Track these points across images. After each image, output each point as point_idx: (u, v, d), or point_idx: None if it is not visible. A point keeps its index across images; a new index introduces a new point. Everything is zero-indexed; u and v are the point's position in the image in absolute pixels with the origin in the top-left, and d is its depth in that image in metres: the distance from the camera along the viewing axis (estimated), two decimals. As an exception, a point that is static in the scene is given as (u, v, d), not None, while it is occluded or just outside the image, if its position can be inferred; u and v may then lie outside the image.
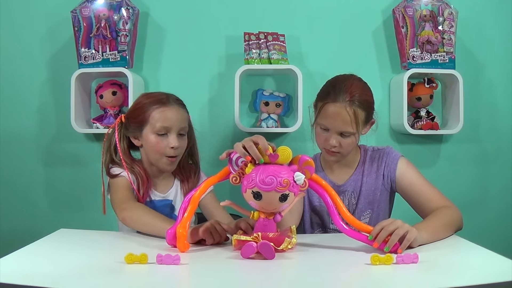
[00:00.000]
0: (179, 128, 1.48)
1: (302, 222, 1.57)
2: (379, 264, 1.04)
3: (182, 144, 1.49)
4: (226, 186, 1.40)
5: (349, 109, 1.39)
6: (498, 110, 2.24)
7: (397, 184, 1.50)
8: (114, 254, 1.14)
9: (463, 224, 1.38)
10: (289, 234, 1.17)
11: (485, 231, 2.12)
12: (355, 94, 1.41)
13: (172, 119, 1.47)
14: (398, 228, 1.13)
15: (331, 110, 1.41)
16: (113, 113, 2.09)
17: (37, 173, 2.20)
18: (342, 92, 1.41)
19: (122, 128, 1.53)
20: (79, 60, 2.07)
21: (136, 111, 1.50)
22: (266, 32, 2.07)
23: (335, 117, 1.41)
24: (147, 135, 1.47)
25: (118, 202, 1.41)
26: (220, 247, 1.23)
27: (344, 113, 1.39)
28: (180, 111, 1.50)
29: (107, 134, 1.54)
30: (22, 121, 2.20)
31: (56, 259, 1.12)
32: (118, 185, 1.46)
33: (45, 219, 2.18)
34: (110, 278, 0.98)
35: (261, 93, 2.13)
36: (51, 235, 1.36)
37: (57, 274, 0.99)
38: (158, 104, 1.47)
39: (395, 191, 1.55)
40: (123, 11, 2.07)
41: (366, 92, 1.46)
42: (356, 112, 1.40)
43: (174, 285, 0.99)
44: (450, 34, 2.10)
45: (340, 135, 1.43)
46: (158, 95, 1.52)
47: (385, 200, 1.55)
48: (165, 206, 1.53)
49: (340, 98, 1.40)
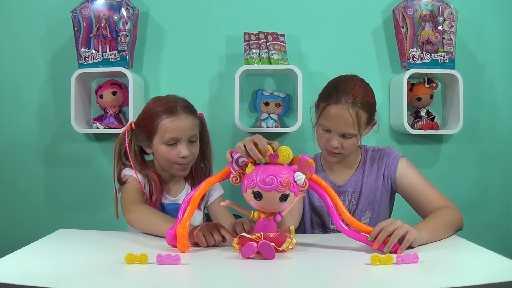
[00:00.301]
0: (188, 136, 1.46)
1: (303, 222, 1.56)
2: (379, 264, 1.04)
3: (193, 151, 1.48)
4: (226, 186, 1.41)
5: (352, 111, 1.39)
6: (498, 110, 2.24)
7: (398, 184, 1.50)
8: (114, 254, 1.14)
9: (463, 224, 1.38)
10: (287, 235, 1.17)
11: (485, 232, 2.12)
12: (358, 96, 1.40)
13: (181, 129, 1.45)
14: (398, 228, 1.13)
15: (333, 112, 1.40)
16: (113, 113, 2.09)
17: (37, 173, 2.20)
18: (345, 94, 1.40)
19: (132, 135, 1.51)
20: (79, 60, 2.07)
21: (145, 120, 1.47)
22: (266, 32, 2.07)
23: (337, 118, 1.40)
24: (157, 145, 1.46)
25: (125, 204, 1.42)
26: (220, 247, 1.22)
27: (346, 115, 1.39)
28: (189, 118, 1.47)
29: (117, 140, 1.53)
30: (22, 121, 2.19)
31: (56, 259, 1.12)
32: (127, 187, 1.47)
33: (45, 219, 2.18)
34: (110, 278, 0.98)
35: (261, 93, 2.13)
36: (51, 235, 1.36)
37: (57, 274, 0.99)
38: (167, 114, 1.44)
39: (395, 192, 1.54)
40: (123, 11, 2.06)
41: (369, 94, 1.46)
42: (358, 113, 1.39)
43: (174, 285, 0.99)
44: (450, 34, 2.10)
45: (342, 136, 1.42)
46: (167, 102, 1.48)
47: (386, 201, 1.55)
48: (175, 210, 1.51)
49: (342, 100, 1.40)
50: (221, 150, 2.16)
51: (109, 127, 2.07)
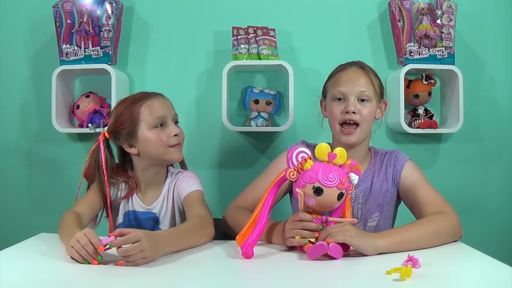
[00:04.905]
0: (172, 115, 1.43)
1: None
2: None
3: (181, 131, 1.44)
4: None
5: (363, 73, 1.42)
6: (500, 107, 2.17)
7: (401, 186, 1.44)
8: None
9: (461, 232, 1.31)
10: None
11: (486, 233, 2.08)
12: (365, 66, 1.46)
13: (163, 107, 1.42)
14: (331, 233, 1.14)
15: (345, 75, 1.43)
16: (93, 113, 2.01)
17: (18, 174, 2.15)
18: (353, 64, 1.46)
19: (105, 146, 1.43)
20: (61, 57, 2.02)
21: (121, 117, 1.40)
22: (256, 27, 2.00)
23: (350, 79, 1.41)
24: (143, 135, 1.39)
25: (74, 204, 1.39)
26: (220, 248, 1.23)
27: (358, 74, 1.42)
28: (166, 100, 1.45)
29: (90, 154, 1.44)
30: (3, 120, 2.15)
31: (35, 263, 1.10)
32: (86, 196, 1.42)
33: (26, 223, 2.11)
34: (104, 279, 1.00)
35: (251, 90, 2.06)
36: (29, 239, 1.33)
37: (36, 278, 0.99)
38: (142, 100, 1.40)
39: (400, 199, 1.48)
40: (106, 6, 2.00)
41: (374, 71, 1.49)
42: (370, 76, 1.42)
43: (174, 285, 0.99)
44: (449, 28, 2.03)
45: (358, 101, 1.40)
46: (135, 95, 1.45)
47: (392, 205, 1.48)
48: (148, 219, 1.46)
49: (352, 67, 1.44)
50: (209, 150, 2.13)
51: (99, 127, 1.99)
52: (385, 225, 1.46)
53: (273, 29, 2.02)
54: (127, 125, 1.39)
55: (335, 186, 1.14)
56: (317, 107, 1.54)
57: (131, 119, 1.39)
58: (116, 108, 1.43)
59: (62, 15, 2.00)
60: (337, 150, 1.19)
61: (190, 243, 1.22)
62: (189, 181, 1.45)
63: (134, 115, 1.38)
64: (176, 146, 1.42)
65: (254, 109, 2.05)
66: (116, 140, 1.43)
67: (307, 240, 1.16)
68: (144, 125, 1.38)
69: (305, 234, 1.16)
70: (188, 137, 2.08)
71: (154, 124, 1.38)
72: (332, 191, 1.14)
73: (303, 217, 1.17)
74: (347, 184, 1.17)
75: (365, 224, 1.45)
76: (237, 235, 1.19)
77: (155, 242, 1.09)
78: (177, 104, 2.11)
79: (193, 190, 1.43)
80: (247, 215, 1.25)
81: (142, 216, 1.45)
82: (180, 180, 1.47)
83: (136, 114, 1.38)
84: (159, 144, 1.39)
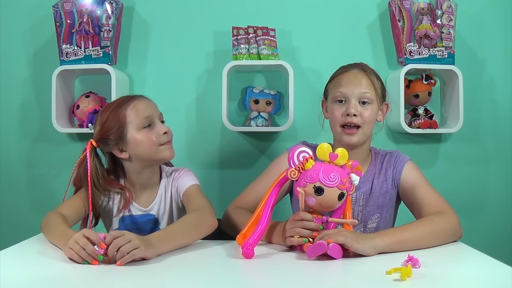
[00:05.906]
0: (158, 114, 1.44)
1: None
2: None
3: (169, 130, 1.44)
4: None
5: (364, 75, 1.42)
6: (500, 107, 2.17)
7: (401, 186, 1.44)
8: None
9: (461, 232, 1.31)
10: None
11: (485, 233, 2.08)
12: (367, 68, 1.46)
13: (149, 107, 1.42)
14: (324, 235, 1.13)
15: (346, 77, 1.42)
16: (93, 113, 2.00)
17: (19, 174, 2.15)
18: (354, 65, 1.46)
19: (93, 156, 1.41)
20: (61, 57, 2.02)
21: (107, 123, 1.39)
22: (256, 27, 2.00)
23: (351, 81, 1.41)
24: (133, 137, 1.38)
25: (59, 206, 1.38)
26: (221, 248, 1.22)
27: (360, 76, 1.41)
28: (149, 100, 1.45)
29: (77, 165, 1.42)
30: (3, 120, 2.14)
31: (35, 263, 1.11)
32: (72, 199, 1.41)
33: (27, 223, 2.07)
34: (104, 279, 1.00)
35: (251, 90, 2.06)
36: (30, 239, 1.33)
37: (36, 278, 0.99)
38: (126, 103, 1.40)
39: (400, 199, 1.48)
40: (106, 6, 1.99)
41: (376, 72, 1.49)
42: (371, 78, 1.42)
43: (174, 285, 0.99)
44: (449, 28, 2.03)
45: (359, 103, 1.40)
46: (118, 100, 1.45)
47: (392, 207, 1.48)
48: (147, 221, 1.45)
49: (353, 69, 1.44)
50: (209, 150, 2.13)
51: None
52: (385, 227, 1.46)
53: (273, 29, 2.02)
54: (115, 130, 1.38)
55: (336, 186, 1.14)
56: (317, 107, 1.54)
57: (118, 123, 1.37)
58: (101, 116, 1.41)
59: (62, 15, 2.00)
60: (339, 151, 1.19)
61: (186, 239, 1.22)
62: (184, 177, 1.46)
63: (121, 119, 1.37)
64: (166, 143, 1.41)
65: (254, 109, 2.05)
66: (105, 146, 1.41)
67: (307, 239, 1.16)
68: (132, 127, 1.37)
69: (304, 233, 1.16)
70: (188, 137, 2.12)
71: (142, 125, 1.38)
72: (332, 191, 1.14)
73: (304, 216, 1.17)
74: (348, 184, 1.17)
75: (365, 226, 1.44)
76: (238, 235, 1.19)
77: (145, 239, 1.11)
78: (177, 104, 2.13)
79: (189, 185, 1.43)
80: (247, 215, 1.25)
81: (141, 219, 1.44)
82: (176, 178, 1.47)
83: (123, 118, 1.37)
84: (150, 144, 1.38)
